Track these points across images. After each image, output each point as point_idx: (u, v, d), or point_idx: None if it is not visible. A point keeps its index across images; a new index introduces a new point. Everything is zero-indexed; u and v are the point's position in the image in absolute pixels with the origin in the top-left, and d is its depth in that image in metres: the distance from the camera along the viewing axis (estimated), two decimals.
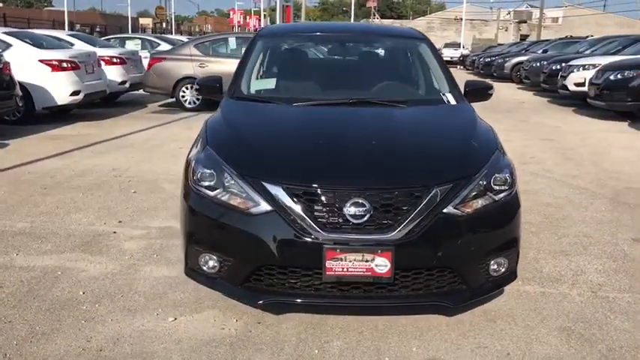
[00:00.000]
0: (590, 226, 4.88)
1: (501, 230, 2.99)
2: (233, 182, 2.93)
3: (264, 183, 2.85)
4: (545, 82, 16.13)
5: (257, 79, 4.05)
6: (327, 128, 3.39)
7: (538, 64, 18.27)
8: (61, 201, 5.35)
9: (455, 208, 2.84)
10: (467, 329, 3.12)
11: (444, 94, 3.91)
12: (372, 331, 3.09)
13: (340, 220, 2.77)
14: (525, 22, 56.56)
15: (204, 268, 3.01)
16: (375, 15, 70.96)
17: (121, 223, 4.79)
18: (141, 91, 13.02)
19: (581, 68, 13.54)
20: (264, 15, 61.85)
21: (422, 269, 2.85)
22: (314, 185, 2.81)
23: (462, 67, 37.48)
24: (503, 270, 3.05)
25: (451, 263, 2.87)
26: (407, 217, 2.77)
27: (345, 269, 2.76)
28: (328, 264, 2.75)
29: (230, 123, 3.44)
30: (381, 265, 2.75)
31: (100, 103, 12.26)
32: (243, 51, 11.74)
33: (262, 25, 60.02)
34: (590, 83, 12.13)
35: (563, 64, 14.96)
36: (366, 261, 2.75)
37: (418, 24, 59.85)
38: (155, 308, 3.31)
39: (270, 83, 3.99)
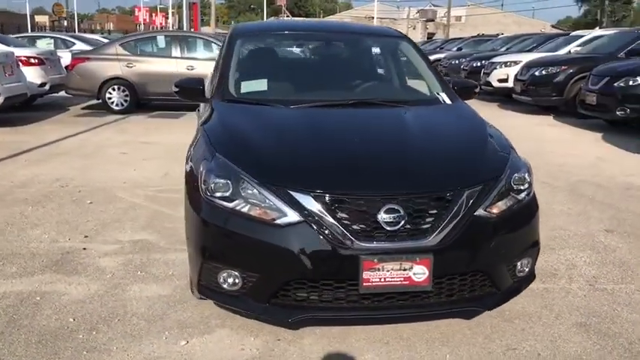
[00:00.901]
0: (562, 219, 5.02)
1: (526, 229, 2.98)
2: (254, 192, 2.72)
3: (291, 192, 2.67)
4: (467, 79, 16.64)
5: (240, 80, 3.81)
6: (341, 131, 3.24)
7: (457, 61, 18.88)
8: (9, 216, 4.87)
9: (485, 210, 2.79)
10: (490, 332, 3.09)
11: (438, 94, 3.87)
12: (397, 340, 2.99)
13: (374, 228, 2.64)
14: (432, 20, 58.40)
15: (224, 285, 2.78)
16: (284, 12, 70.95)
17: (88, 238, 4.41)
18: (62, 93, 12.21)
19: (503, 65, 14.09)
20: (172, 13, 60.15)
21: (456, 275, 2.78)
22: (345, 193, 2.67)
23: None
24: (527, 270, 3.03)
25: (483, 266, 2.81)
26: (441, 222, 2.68)
27: (382, 280, 2.63)
28: (365, 275, 2.61)
29: (234, 128, 3.21)
30: (419, 273, 2.65)
31: (19, 107, 11.38)
32: (173, 50, 11.48)
33: (171, 23, 58.31)
34: (516, 79, 12.64)
35: (484, 62, 15.53)
36: (404, 270, 2.63)
37: None
38: (160, 331, 3.04)
39: (261, 84, 3.77)
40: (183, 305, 3.32)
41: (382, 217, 2.63)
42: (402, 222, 2.64)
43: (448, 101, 3.79)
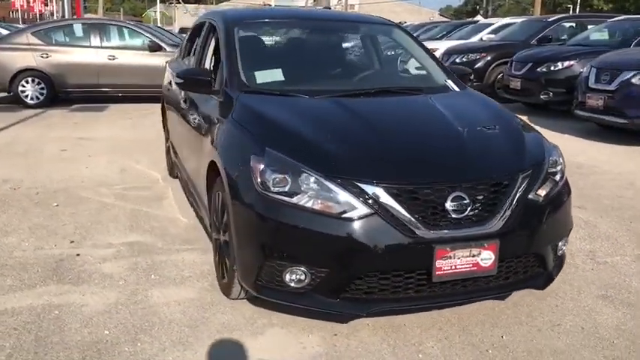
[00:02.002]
0: None
1: (565, 210, 3.10)
2: (317, 185, 2.64)
3: (359, 184, 2.62)
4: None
5: (252, 70, 3.65)
6: (385, 121, 3.18)
7: None
8: None
9: (535, 193, 2.88)
10: (529, 310, 3.20)
11: (446, 81, 3.92)
12: (450, 325, 3.02)
13: (442, 217, 2.66)
14: (329, 8, 58.96)
15: (291, 283, 2.69)
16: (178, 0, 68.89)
17: (75, 243, 4.08)
18: None
19: None
20: None
21: (514, 258, 2.86)
22: (413, 182, 2.66)
23: None
24: (564, 249, 3.18)
25: (537, 248, 2.91)
26: (502, 207, 2.75)
27: (453, 267, 2.66)
28: (438, 263, 2.62)
29: (275, 120, 3.08)
30: (486, 258, 2.70)
31: None
32: (92, 39, 10.80)
33: (54, 10, 54.55)
34: None
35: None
36: (473, 256, 2.67)
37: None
38: (210, 336, 2.88)
39: (277, 74, 3.63)
40: (219, 307, 3.17)
41: (450, 205, 2.66)
42: (468, 209, 2.68)
43: (457, 88, 3.86)
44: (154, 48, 10.90)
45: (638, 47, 8.93)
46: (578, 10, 44.08)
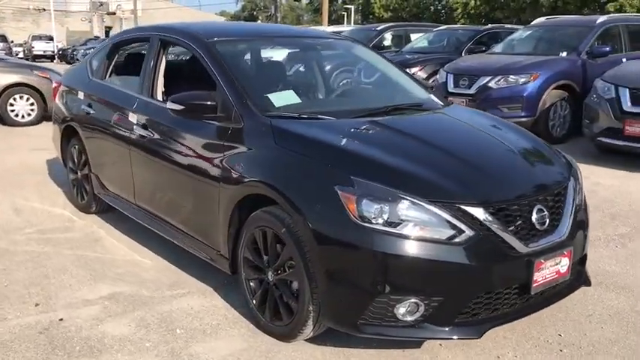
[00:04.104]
0: None
1: (588, 214, 3.40)
2: (420, 212, 2.58)
3: (461, 206, 2.61)
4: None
5: (262, 92, 3.37)
6: (440, 140, 3.14)
7: None
8: None
9: (577, 200, 3.14)
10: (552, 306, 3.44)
11: (429, 96, 4.01)
12: (511, 333, 3.11)
13: (531, 230, 2.77)
14: (114, 13, 55.91)
15: (403, 317, 2.58)
16: None
17: (41, 306, 3.41)
18: None
19: None
20: None
21: (577, 261, 3.07)
22: (504, 201, 2.74)
23: (63, 61, 35.30)
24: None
25: (584, 249, 3.17)
26: (567, 215, 2.95)
27: (544, 277, 2.79)
28: (535, 276, 2.73)
29: (335, 146, 2.89)
30: (564, 265, 2.88)
31: None
32: None
33: None
34: None
35: None
36: (556, 264, 2.83)
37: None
38: None
39: (291, 96, 3.38)
40: (282, 354, 2.91)
41: (535, 218, 2.78)
42: (547, 220, 2.83)
43: (441, 103, 3.98)
44: None
45: (484, 54, 9.89)
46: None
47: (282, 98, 3.37)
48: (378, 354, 2.90)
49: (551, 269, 2.80)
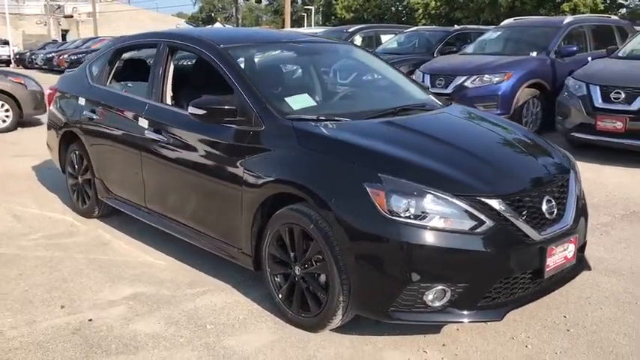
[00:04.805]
0: None
1: (586, 203, 3.64)
2: (444, 205, 2.78)
3: (481, 199, 2.83)
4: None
5: (279, 96, 3.52)
6: (454, 138, 3.33)
7: None
8: None
9: (577, 189, 3.39)
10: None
11: (429, 97, 4.22)
12: (521, 316, 3.33)
13: (541, 219, 3.01)
14: (71, 16, 54.81)
15: (430, 303, 2.79)
16: None
17: (67, 308, 3.48)
18: None
19: None
20: None
21: (580, 247, 3.31)
22: (520, 192, 2.97)
23: (20, 65, 34.52)
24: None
25: (585, 236, 3.42)
26: (570, 204, 3.20)
27: (555, 262, 3.03)
28: (548, 261, 2.97)
29: (358, 145, 3.07)
30: (571, 250, 3.12)
31: None
32: None
33: None
34: None
35: None
36: (564, 250, 3.07)
37: None
38: None
39: (306, 99, 3.53)
40: (312, 343, 3.07)
41: (545, 207, 3.02)
42: (555, 210, 3.07)
43: (440, 103, 4.19)
44: None
45: (457, 55, 10.20)
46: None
47: (299, 101, 3.53)
48: (402, 339, 3.09)
49: (560, 255, 3.04)
